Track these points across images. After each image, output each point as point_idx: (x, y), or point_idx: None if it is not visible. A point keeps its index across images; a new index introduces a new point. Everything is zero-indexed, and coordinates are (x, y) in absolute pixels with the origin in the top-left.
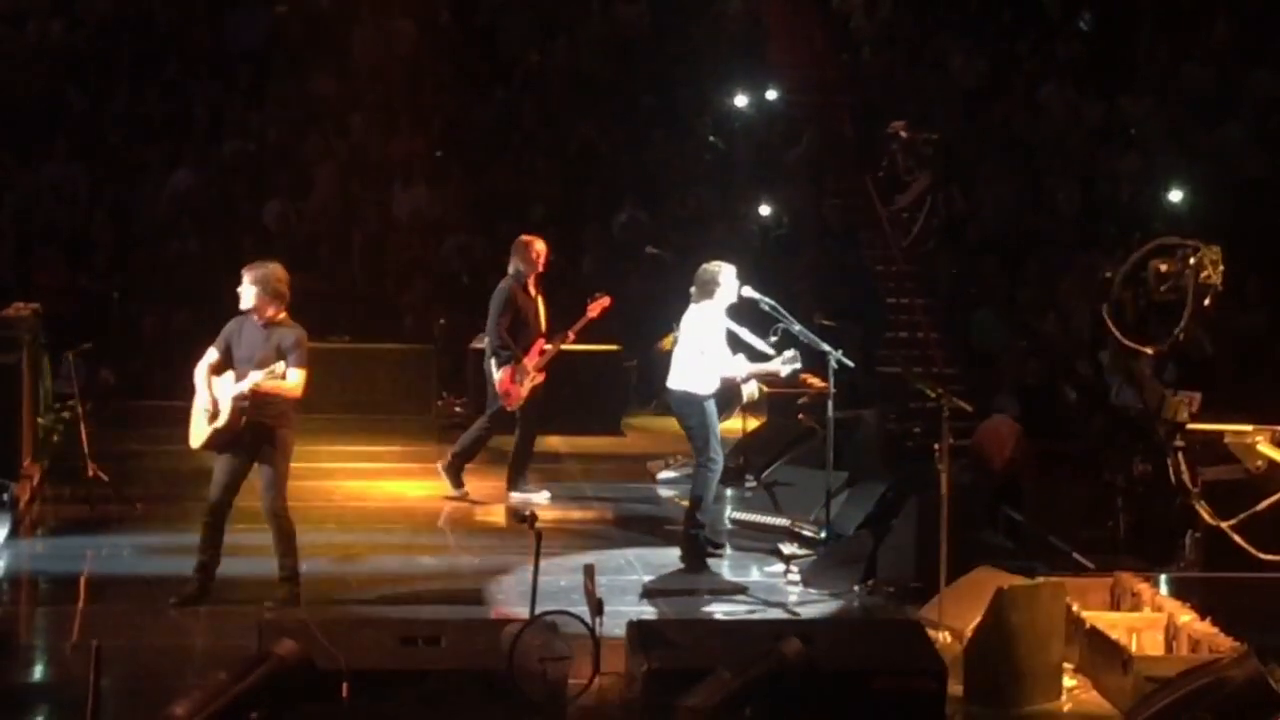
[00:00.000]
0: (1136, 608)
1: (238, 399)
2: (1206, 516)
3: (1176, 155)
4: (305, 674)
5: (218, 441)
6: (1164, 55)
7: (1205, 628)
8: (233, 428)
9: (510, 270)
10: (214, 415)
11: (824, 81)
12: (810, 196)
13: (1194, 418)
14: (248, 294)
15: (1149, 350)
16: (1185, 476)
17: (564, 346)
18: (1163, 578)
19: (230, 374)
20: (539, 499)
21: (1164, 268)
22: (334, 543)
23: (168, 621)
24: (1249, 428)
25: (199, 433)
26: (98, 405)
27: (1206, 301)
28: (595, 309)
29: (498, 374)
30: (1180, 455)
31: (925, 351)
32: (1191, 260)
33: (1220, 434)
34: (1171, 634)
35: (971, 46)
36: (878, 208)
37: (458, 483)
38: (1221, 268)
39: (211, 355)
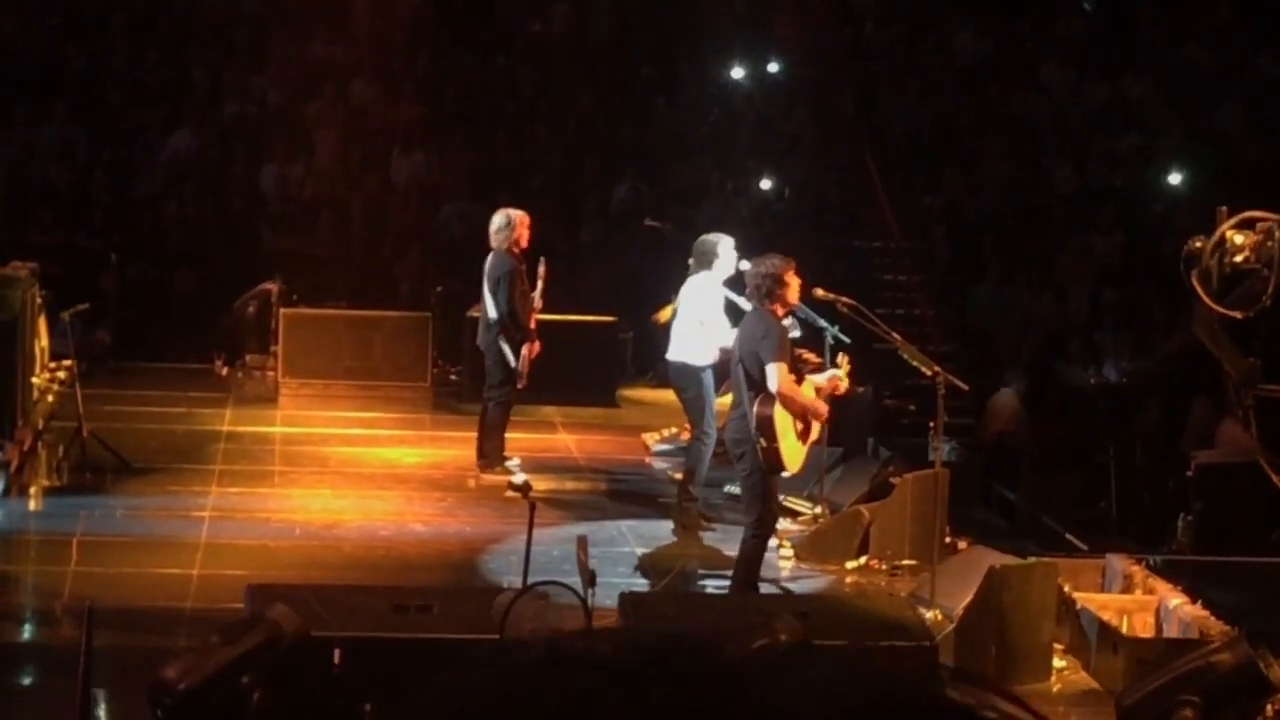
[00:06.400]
0: (1128, 589)
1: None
2: (1271, 474)
3: (1177, 136)
4: (300, 640)
5: None
6: (1165, 35)
7: (1196, 610)
8: None
9: (503, 245)
10: (807, 430)
11: (826, 56)
12: (810, 171)
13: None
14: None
15: (1237, 315)
16: (1254, 432)
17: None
18: (1155, 559)
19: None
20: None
21: (1239, 239)
22: (328, 508)
23: (159, 583)
24: None
25: (800, 453)
26: (93, 366)
27: None
28: (545, 270)
29: (519, 352)
30: (1251, 414)
31: (921, 329)
32: (1277, 233)
33: None
34: (1162, 616)
35: (973, 24)
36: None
37: (505, 468)
38: None
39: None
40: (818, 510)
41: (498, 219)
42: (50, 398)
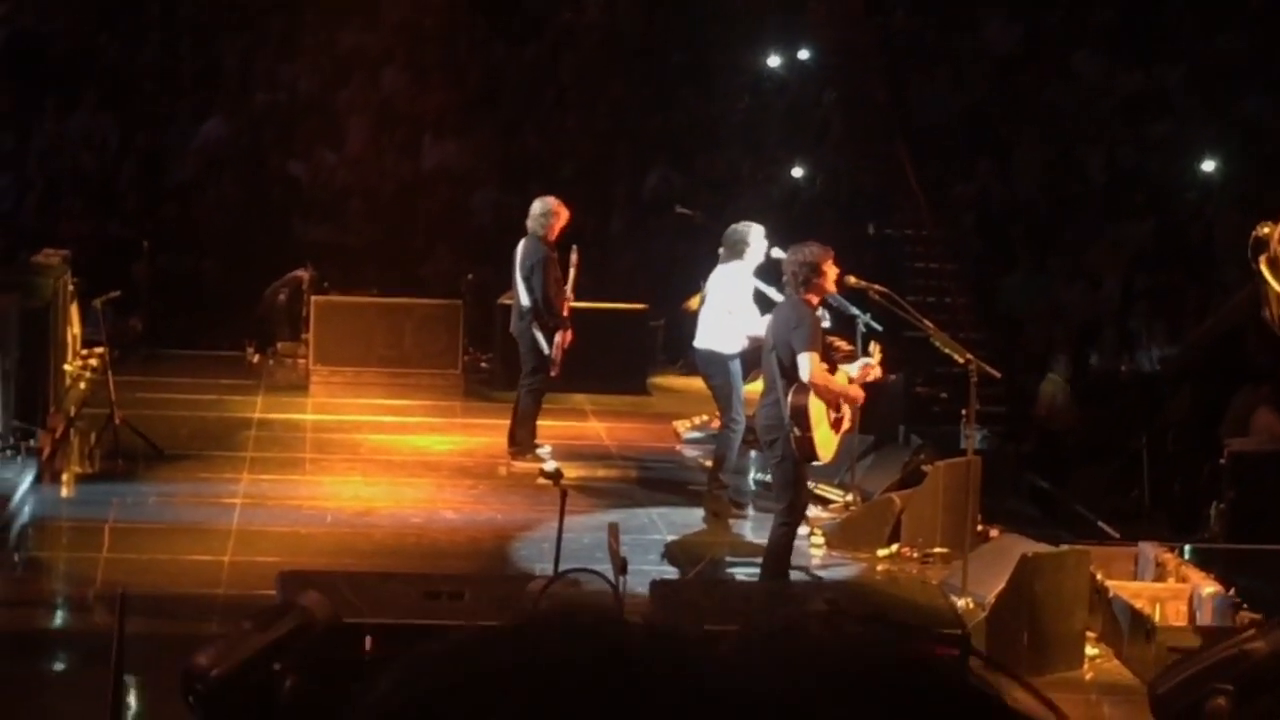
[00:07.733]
0: (1160, 578)
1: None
2: None
3: (1209, 124)
4: (331, 627)
5: None
6: (1197, 23)
7: (1229, 599)
8: None
9: (539, 230)
10: (840, 420)
11: (857, 44)
12: (841, 159)
13: None
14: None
15: None
16: None
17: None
18: (1187, 548)
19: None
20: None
21: None
22: (359, 495)
23: (191, 570)
24: None
25: (832, 442)
26: (125, 353)
27: None
28: (577, 260)
29: (552, 340)
30: None
31: (953, 317)
32: None
33: None
34: (1195, 605)
35: (1004, 12)
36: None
37: (536, 456)
38: None
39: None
40: (849, 498)
41: (539, 205)
42: (82, 385)
